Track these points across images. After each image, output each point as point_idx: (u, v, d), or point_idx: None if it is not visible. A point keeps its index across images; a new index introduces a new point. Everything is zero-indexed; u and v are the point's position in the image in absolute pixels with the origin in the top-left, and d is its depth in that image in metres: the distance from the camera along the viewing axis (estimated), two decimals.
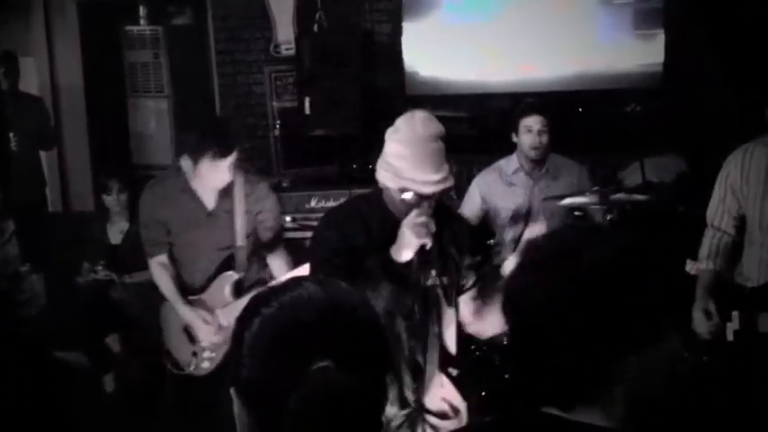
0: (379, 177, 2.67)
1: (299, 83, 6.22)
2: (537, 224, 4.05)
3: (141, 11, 6.63)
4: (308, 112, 5.95)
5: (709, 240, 3.47)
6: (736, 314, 3.22)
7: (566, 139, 4.40)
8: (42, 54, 7.01)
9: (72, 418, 1.94)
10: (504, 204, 4.30)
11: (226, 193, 3.64)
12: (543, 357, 1.34)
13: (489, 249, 2.97)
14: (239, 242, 3.67)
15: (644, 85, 5.80)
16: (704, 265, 3.44)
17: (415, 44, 6.11)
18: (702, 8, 5.61)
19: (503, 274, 3.34)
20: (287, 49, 6.59)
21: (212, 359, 3.70)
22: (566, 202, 4.05)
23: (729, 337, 3.23)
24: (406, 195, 2.59)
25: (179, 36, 6.75)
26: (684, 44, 5.68)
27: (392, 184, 2.61)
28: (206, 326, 3.65)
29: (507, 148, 4.38)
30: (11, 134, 5.53)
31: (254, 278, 3.77)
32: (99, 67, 6.93)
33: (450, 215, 2.91)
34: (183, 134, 3.70)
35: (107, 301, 4.85)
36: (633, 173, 5.10)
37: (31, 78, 6.78)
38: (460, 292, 2.86)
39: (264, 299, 1.22)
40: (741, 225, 3.42)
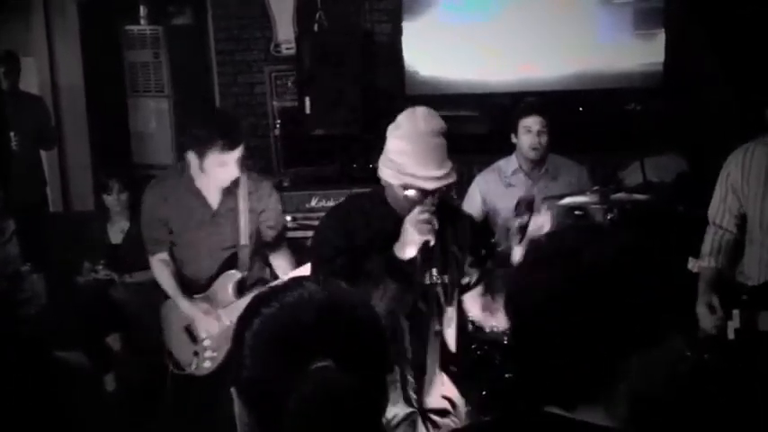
0: (382, 174, 2.65)
1: (299, 82, 6.22)
2: (541, 215, 4.04)
3: (141, 11, 6.62)
4: (308, 111, 5.94)
5: (711, 237, 3.48)
6: (736, 313, 3.23)
7: (566, 139, 4.39)
8: (42, 54, 7.00)
9: (72, 418, 1.94)
10: (503, 205, 4.29)
11: (229, 191, 3.61)
12: (544, 357, 1.34)
13: (493, 245, 2.96)
14: (243, 241, 3.64)
15: (644, 85, 5.81)
16: (706, 262, 3.46)
17: (415, 44, 6.11)
18: (702, 8, 5.61)
19: (512, 261, 3.32)
20: (287, 48, 6.59)
21: (214, 359, 3.67)
22: (566, 201, 4.04)
23: (731, 335, 3.24)
24: (409, 192, 2.58)
25: (179, 36, 6.75)
26: (685, 44, 5.68)
27: (394, 180, 2.60)
28: (207, 317, 3.61)
29: (508, 149, 4.37)
30: (11, 134, 5.53)
31: (255, 277, 3.75)
32: (99, 66, 6.93)
33: (453, 212, 2.88)
34: (189, 129, 3.59)
35: (107, 301, 4.85)
36: (633, 172, 5.10)
37: (32, 78, 6.77)
38: (465, 289, 2.85)
39: (265, 299, 1.22)
40: (742, 223, 3.43)
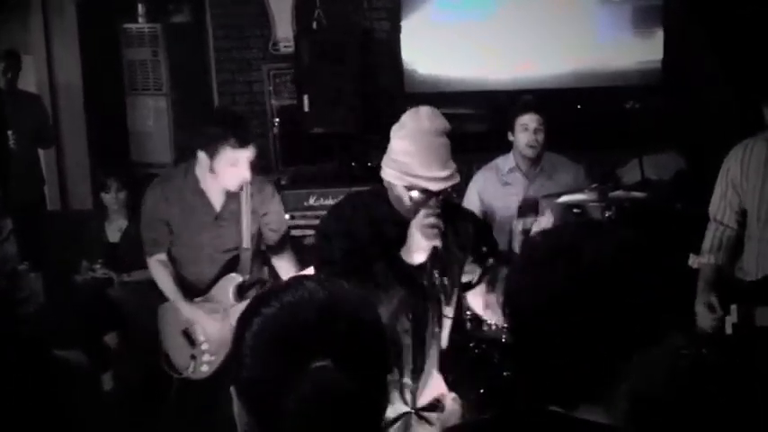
0: (385, 175, 2.60)
1: (297, 80, 6.22)
2: (545, 217, 4.03)
3: (140, 9, 6.61)
4: (306, 109, 5.94)
5: (712, 234, 3.49)
6: (734, 308, 3.24)
7: (565, 137, 4.39)
8: (41, 52, 6.98)
9: (71, 417, 1.94)
10: (500, 204, 4.30)
11: (233, 194, 3.56)
12: (544, 356, 1.34)
13: (495, 242, 2.93)
14: (245, 244, 3.60)
15: (643, 83, 5.82)
16: (706, 259, 3.46)
17: (414, 42, 6.11)
18: (701, 6, 5.61)
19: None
20: (286, 46, 6.58)
21: (211, 363, 3.62)
22: (564, 199, 4.05)
23: (728, 330, 3.25)
24: (413, 193, 2.54)
25: (178, 34, 6.74)
26: (683, 42, 5.69)
27: (398, 181, 2.55)
28: (209, 320, 3.56)
29: (506, 146, 4.37)
30: (9, 132, 5.52)
31: (254, 278, 3.72)
32: (97, 65, 6.91)
33: (455, 211, 2.84)
34: (199, 127, 3.53)
35: (105, 300, 4.84)
36: (632, 170, 5.10)
37: (30, 76, 6.75)
38: (467, 287, 2.84)
39: (265, 298, 1.22)
40: (743, 219, 3.44)
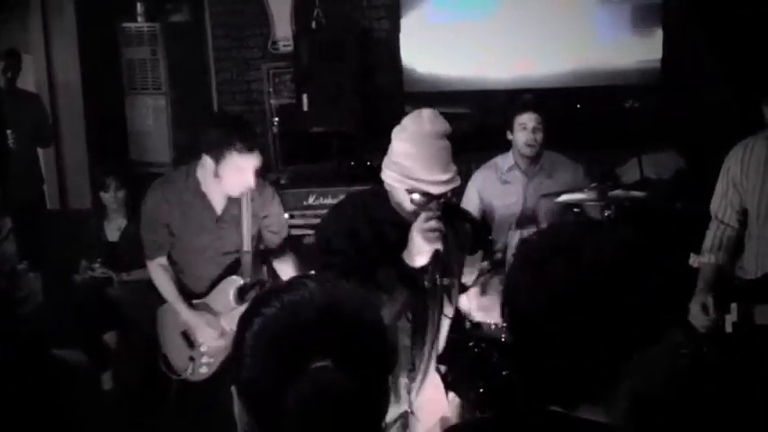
0: (386, 178, 2.59)
1: (296, 79, 6.22)
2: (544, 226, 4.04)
3: (139, 8, 6.61)
4: (305, 108, 5.94)
5: (713, 233, 3.49)
6: (734, 306, 3.23)
7: (564, 136, 4.39)
8: (40, 51, 6.98)
9: (71, 416, 1.94)
10: (499, 202, 4.30)
11: (234, 197, 3.54)
12: (544, 356, 1.34)
13: (490, 242, 2.93)
14: (246, 247, 3.59)
15: (642, 82, 5.81)
16: (706, 258, 3.46)
17: (413, 41, 6.11)
18: (701, 5, 5.61)
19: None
20: (285, 45, 6.58)
21: (210, 365, 3.61)
22: (563, 198, 4.06)
23: (728, 329, 3.24)
24: (414, 196, 2.53)
25: (177, 33, 6.73)
26: (683, 41, 5.69)
27: (399, 184, 2.55)
28: (209, 329, 3.56)
29: (505, 146, 4.37)
30: (8, 131, 5.52)
31: (254, 280, 3.69)
32: (96, 64, 6.91)
33: (454, 212, 2.83)
34: (204, 131, 3.50)
35: (104, 299, 4.84)
36: (631, 169, 5.11)
37: (29, 76, 6.75)
38: (464, 289, 2.84)
39: (266, 298, 1.21)
40: (744, 218, 3.43)
